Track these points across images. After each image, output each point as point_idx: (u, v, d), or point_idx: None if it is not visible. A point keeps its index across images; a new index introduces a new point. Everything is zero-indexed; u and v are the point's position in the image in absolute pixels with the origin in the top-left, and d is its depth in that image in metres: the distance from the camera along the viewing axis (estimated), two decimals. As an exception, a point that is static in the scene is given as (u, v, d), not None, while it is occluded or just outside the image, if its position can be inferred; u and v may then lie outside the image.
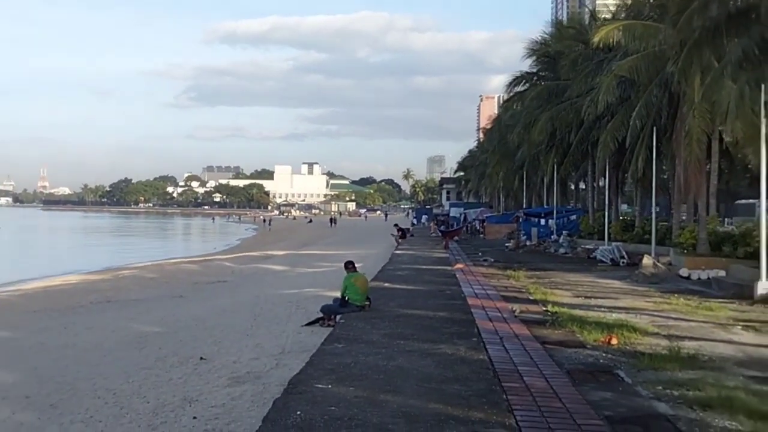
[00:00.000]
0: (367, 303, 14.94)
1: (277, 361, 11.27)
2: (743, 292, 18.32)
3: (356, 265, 16.34)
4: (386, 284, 19.98)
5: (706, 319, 14.70)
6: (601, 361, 10.56)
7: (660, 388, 8.87)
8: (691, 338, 12.49)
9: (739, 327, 13.71)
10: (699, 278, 22.60)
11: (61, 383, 11.63)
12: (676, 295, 18.55)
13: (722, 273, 22.30)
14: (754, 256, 22.61)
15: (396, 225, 50.75)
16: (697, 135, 24.58)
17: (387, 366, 9.65)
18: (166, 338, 15.02)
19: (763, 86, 17.56)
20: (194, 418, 8.66)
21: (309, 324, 14.59)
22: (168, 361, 12.44)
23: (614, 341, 11.79)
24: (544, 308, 15.82)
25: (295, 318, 15.86)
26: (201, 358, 12.23)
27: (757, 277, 17.92)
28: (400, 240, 44.72)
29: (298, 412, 7.42)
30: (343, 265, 15.99)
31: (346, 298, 14.69)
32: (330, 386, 8.51)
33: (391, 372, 9.31)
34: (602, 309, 15.85)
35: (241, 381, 10.15)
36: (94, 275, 32.70)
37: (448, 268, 25.02)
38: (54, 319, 19.34)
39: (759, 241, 22.54)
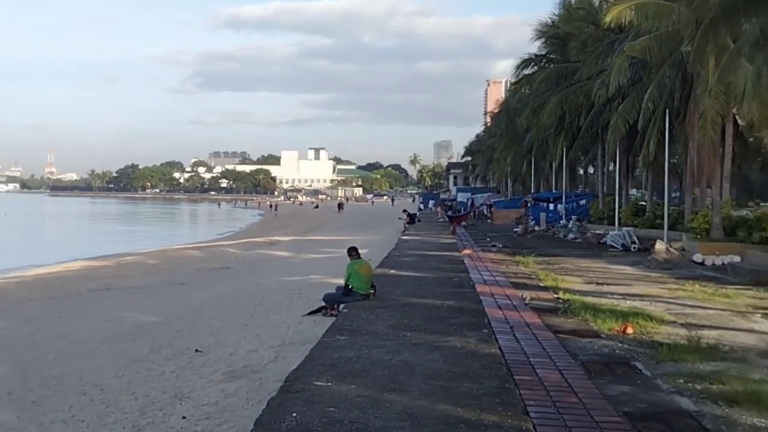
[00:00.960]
0: (372, 291, 14.38)
1: (276, 353, 10.73)
2: (760, 279, 17.86)
3: (362, 252, 15.82)
4: (392, 271, 19.39)
5: (724, 306, 14.21)
6: (617, 351, 10.09)
7: (681, 381, 8.40)
8: (710, 327, 12.01)
9: (759, 315, 13.22)
10: (713, 264, 22.09)
11: (47, 378, 11.04)
12: (690, 281, 18.06)
13: (737, 259, 21.80)
14: (770, 241, 22.20)
15: (405, 210, 50.16)
16: (711, 117, 23.97)
17: (392, 361, 9.10)
18: (162, 328, 14.46)
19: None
20: (183, 418, 8.11)
21: (311, 313, 13.99)
22: (162, 353, 11.90)
23: (630, 330, 11.35)
24: (556, 295, 15.36)
25: (297, 307, 15.25)
26: (196, 351, 11.68)
27: (775, 263, 17.45)
28: (407, 225, 44.23)
29: (294, 414, 6.88)
30: (346, 251, 15.43)
31: (350, 287, 14.13)
32: (330, 384, 7.97)
33: (396, 367, 8.76)
34: (615, 296, 15.39)
35: (236, 376, 9.61)
36: (96, 262, 32.16)
37: (456, 254, 24.47)
38: (48, 308, 18.77)
39: (775, 226, 22.29)
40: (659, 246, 22.68)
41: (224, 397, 8.64)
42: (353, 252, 15.10)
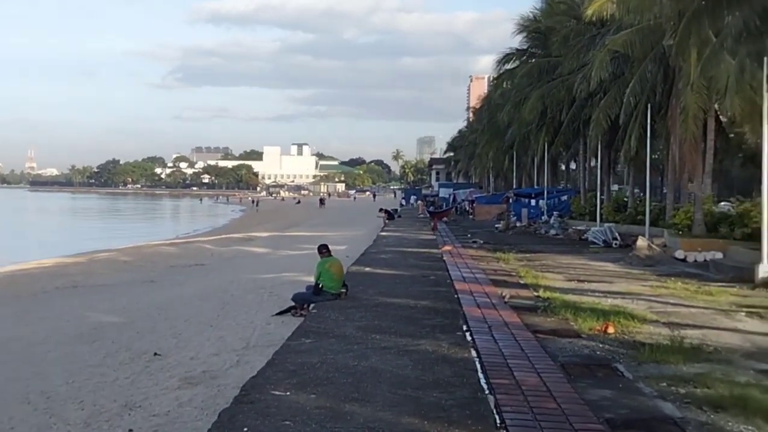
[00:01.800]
0: (344, 291, 13.87)
1: (239, 357, 10.25)
2: (743, 276, 17.57)
3: (340, 248, 15.37)
4: (367, 269, 18.86)
5: (707, 304, 13.91)
6: (598, 352, 9.76)
7: (664, 384, 8.07)
8: (693, 326, 11.70)
9: (743, 313, 12.92)
10: (695, 260, 21.82)
11: (-10, 385, 10.43)
12: (673, 278, 17.80)
13: (719, 255, 21.56)
14: (753, 237, 21.93)
15: (382, 209, 49.58)
16: (693, 111, 23.72)
17: (357, 367, 8.58)
18: (123, 330, 13.88)
19: (765, 59, 16.63)
20: (130, 431, 7.62)
21: (280, 313, 13.52)
22: (118, 357, 11.33)
23: (611, 330, 11.03)
24: (536, 293, 15.03)
25: (267, 306, 14.74)
26: (155, 354, 11.14)
27: (758, 260, 17.22)
28: (387, 221, 43.82)
29: (245, 429, 6.38)
30: (317, 249, 14.87)
31: (320, 286, 13.61)
32: (288, 393, 7.45)
33: (361, 374, 8.25)
34: (596, 294, 15.09)
35: (194, 382, 9.11)
36: (69, 258, 31.50)
37: (435, 251, 23.96)
38: (9, 307, 18.02)
39: (757, 222, 21.99)
40: (641, 242, 22.41)
41: (177, 406, 8.15)
42: (324, 250, 14.55)
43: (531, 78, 40.83)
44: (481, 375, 8.36)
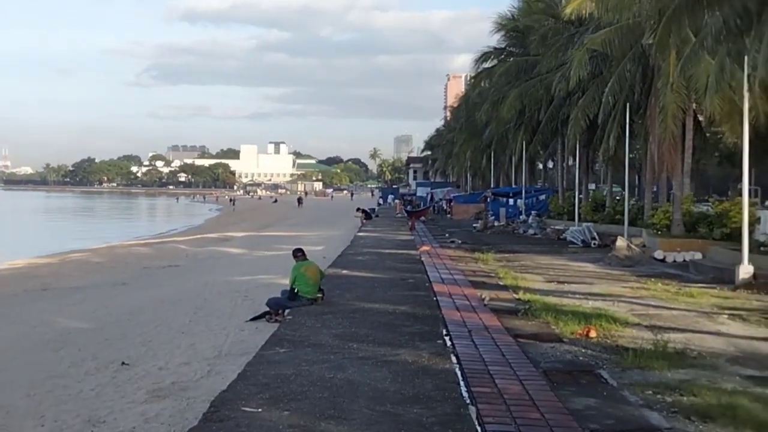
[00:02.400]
0: (320, 295, 13.45)
1: (210, 367, 9.82)
2: (723, 276, 17.51)
3: (316, 249, 15.01)
4: (344, 271, 18.46)
5: (689, 306, 13.76)
6: (581, 358, 9.55)
7: (650, 392, 7.87)
8: (676, 329, 11.54)
9: (725, 316, 12.77)
10: (675, 261, 21.76)
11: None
12: (653, 279, 17.68)
13: (699, 255, 21.49)
14: (732, 237, 21.91)
15: (359, 208, 49.12)
16: (672, 111, 23.63)
17: (334, 379, 8.16)
18: (91, 336, 13.37)
19: (746, 58, 16.50)
20: None
21: (254, 319, 13.13)
22: (84, 366, 10.84)
23: (593, 334, 10.84)
24: (515, 295, 14.84)
25: (241, 311, 14.32)
26: (123, 363, 10.69)
27: (738, 261, 17.11)
28: (364, 221, 43.46)
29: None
30: (291, 252, 14.44)
31: (296, 291, 13.19)
32: (260, 410, 7.02)
33: (338, 388, 7.82)
34: (577, 296, 14.93)
35: (162, 395, 8.65)
36: (42, 259, 30.85)
37: (413, 252, 23.62)
38: (-26, 312, 17.53)
39: (736, 222, 21.92)
40: (620, 243, 22.26)
41: (144, 422, 7.72)
42: (299, 253, 14.13)
43: (509, 77, 40.61)
44: (462, 385, 8.07)
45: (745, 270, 16.44)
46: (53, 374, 10.59)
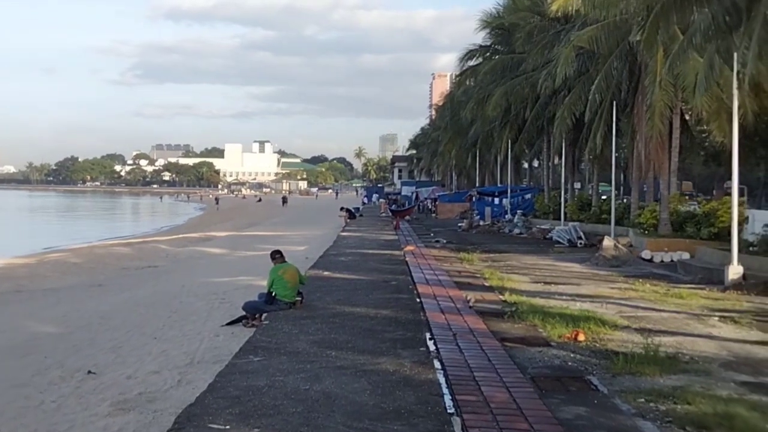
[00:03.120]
0: (299, 299, 12.95)
1: (181, 376, 9.30)
2: (712, 277, 17.28)
3: (299, 249, 14.53)
4: (326, 273, 17.90)
5: (678, 308, 13.46)
6: (570, 363, 9.22)
7: (642, 400, 7.57)
8: (666, 332, 11.24)
9: (716, 318, 12.48)
10: (662, 261, 21.54)
11: None
12: (640, 280, 17.40)
13: (686, 255, 21.29)
14: (719, 237, 21.75)
15: (343, 208, 48.64)
16: (660, 109, 23.36)
17: (309, 392, 7.60)
18: (59, 342, 12.77)
19: (735, 55, 16.22)
20: None
21: (230, 323, 12.57)
22: (48, 375, 10.26)
23: (581, 337, 10.52)
24: (501, 296, 14.49)
25: (217, 315, 13.76)
26: (89, 372, 10.13)
27: (727, 261, 16.89)
28: (348, 221, 43.05)
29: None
30: (269, 254, 13.88)
31: (273, 294, 12.62)
32: (228, 427, 6.49)
33: (313, 401, 7.28)
34: (564, 297, 14.61)
35: (127, 407, 8.11)
36: (20, 259, 30.16)
37: (397, 252, 23.13)
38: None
39: (724, 222, 21.73)
40: (607, 242, 21.98)
41: (104, 437, 7.23)
42: (277, 255, 13.54)
43: (495, 75, 40.28)
44: (447, 394, 7.67)
45: (735, 270, 16.19)
46: (16, 383, 10.06)
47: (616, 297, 14.73)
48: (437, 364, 8.85)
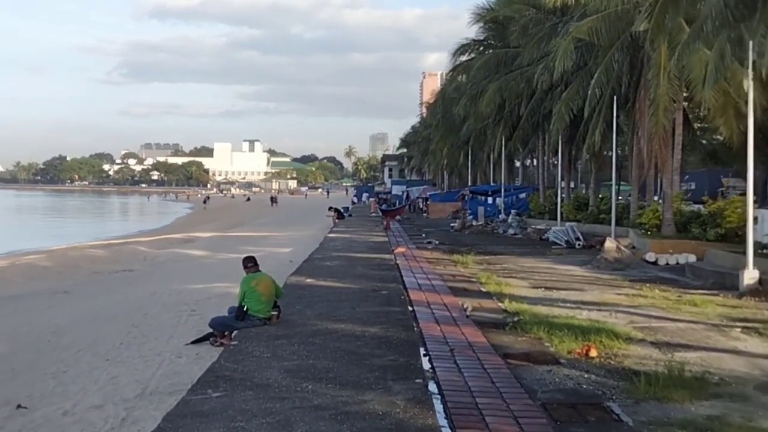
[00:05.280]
0: (275, 314, 11.23)
1: (127, 412, 7.84)
2: (724, 281, 16.14)
3: (284, 251, 13.23)
4: (309, 280, 16.12)
5: (694, 317, 12.29)
6: (584, 386, 8.06)
7: (675, 435, 6.31)
8: (686, 346, 10.08)
9: (738, 329, 11.31)
10: (667, 263, 20.40)
11: None
12: (648, 285, 16.25)
13: (693, 258, 20.16)
14: (726, 238, 20.69)
15: (331, 208, 47.27)
16: (665, 104, 22.18)
17: None
18: (-5, 365, 11.26)
19: (750, 44, 15.09)
20: None
21: (196, 342, 11.11)
22: None
23: (593, 353, 9.38)
24: (500, 304, 13.35)
25: (183, 330, 12.24)
26: (18, 407, 8.58)
27: (740, 264, 15.73)
28: (336, 221, 41.81)
29: None
30: (241, 262, 12.18)
31: (245, 309, 11.00)
32: None
33: None
34: (568, 304, 13.46)
35: None
36: (-10, 262, 28.73)
37: (387, 256, 21.72)
38: None
39: (731, 222, 20.62)
40: (609, 244, 20.81)
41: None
42: (249, 263, 11.85)
43: (488, 70, 39.07)
44: (445, 426, 6.45)
45: (750, 275, 15.03)
46: None
47: (624, 304, 13.57)
48: (433, 386, 7.67)
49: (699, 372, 8.52)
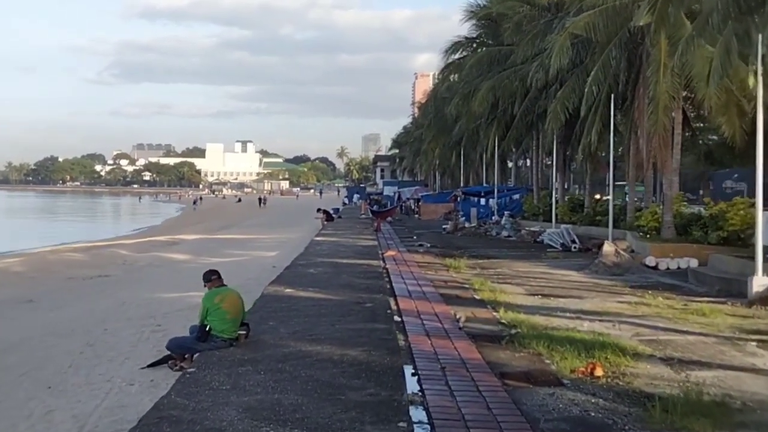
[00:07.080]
0: (243, 333, 9.95)
1: None
2: (731, 288, 15.28)
3: (269, 254, 12.31)
4: (288, 290, 14.84)
5: (704, 329, 11.41)
6: (592, 413, 7.18)
7: (702, 477, 5.44)
8: (700, 363, 9.23)
9: (753, 343, 10.46)
10: (668, 268, 19.57)
11: None
12: (650, 291, 15.42)
13: (694, 262, 19.35)
14: (729, 241, 19.87)
15: (320, 209, 46.25)
16: (665, 102, 21.29)
17: None
18: None
19: (760, 37, 14.24)
20: None
21: (154, 365, 10.00)
22: None
23: (599, 371, 8.54)
24: (495, 313, 12.45)
25: (142, 350, 11.04)
26: None
27: (746, 270, 14.84)
28: (325, 223, 40.85)
29: None
30: (202, 276, 10.61)
31: (208, 328, 9.72)
32: None
33: None
34: (568, 314, 12.60)
35: None
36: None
37: (375, 263, 20.64)
38: None
39: (734, 225, 19.79)
40: (607, 248, 19.94)
41: None
42: (213, 277, 10.45)
43: (481, 68, 38.22)
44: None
45: (760, 282, 14.12)
46: None
47: (627, 314, 12.72)
48: (421, 414, 6.76)
49: (719, 395, 7.67)
